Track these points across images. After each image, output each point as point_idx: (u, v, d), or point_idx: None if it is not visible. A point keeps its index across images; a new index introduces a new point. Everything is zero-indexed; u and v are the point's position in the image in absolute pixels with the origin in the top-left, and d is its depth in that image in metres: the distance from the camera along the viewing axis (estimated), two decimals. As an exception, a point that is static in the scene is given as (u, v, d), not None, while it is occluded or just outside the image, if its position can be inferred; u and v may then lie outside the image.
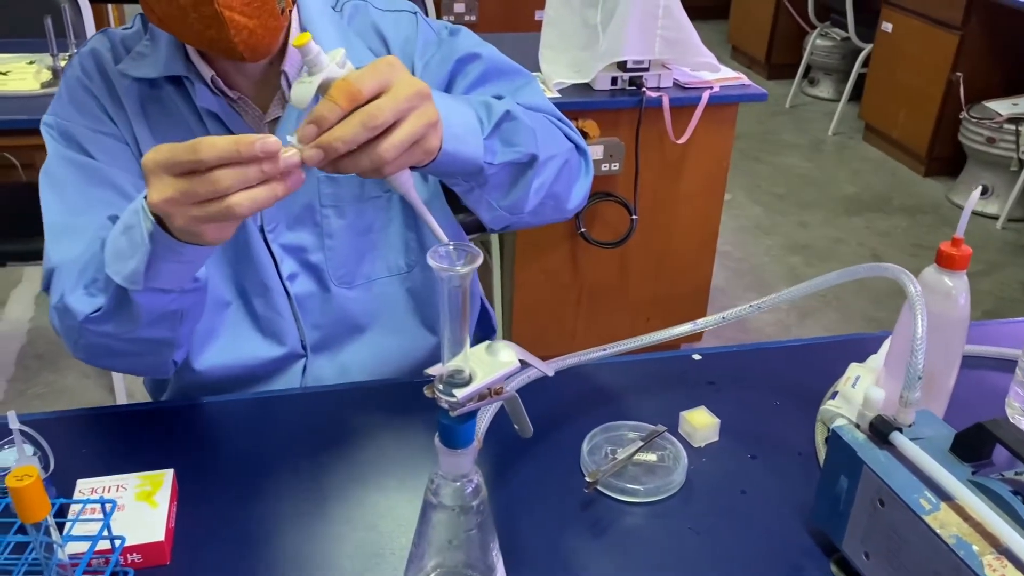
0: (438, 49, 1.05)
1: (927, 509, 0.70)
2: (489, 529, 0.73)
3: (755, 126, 4.46)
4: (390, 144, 0.72)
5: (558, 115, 1.07)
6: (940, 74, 3.72)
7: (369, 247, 1.09)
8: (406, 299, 1.14)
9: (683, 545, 0.84)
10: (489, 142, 0.89)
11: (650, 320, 2.49)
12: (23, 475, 0.62)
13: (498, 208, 0.97)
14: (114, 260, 0.82)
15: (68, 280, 0.90)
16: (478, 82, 1.04)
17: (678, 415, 0.99)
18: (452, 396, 0.66)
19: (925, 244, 3.40)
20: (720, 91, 2.17)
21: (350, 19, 1.05)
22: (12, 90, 2.02)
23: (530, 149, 0.93)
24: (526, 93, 1.05)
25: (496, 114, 0.90)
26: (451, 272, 0.63)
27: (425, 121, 0.74)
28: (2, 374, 2.53)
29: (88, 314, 0.87)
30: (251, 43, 0.89)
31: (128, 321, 0.87)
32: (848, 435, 0.78)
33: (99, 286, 0.87)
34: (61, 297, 0.90)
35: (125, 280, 0.81)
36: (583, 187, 1.07)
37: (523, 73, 1.08)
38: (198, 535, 0.84)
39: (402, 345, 1.16)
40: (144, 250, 0.78)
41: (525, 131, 0.92)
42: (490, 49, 1.07)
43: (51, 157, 1.00)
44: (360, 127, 0.70)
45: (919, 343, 0.77)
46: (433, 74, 1.04)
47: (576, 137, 1.06)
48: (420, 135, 0.74)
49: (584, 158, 1.08)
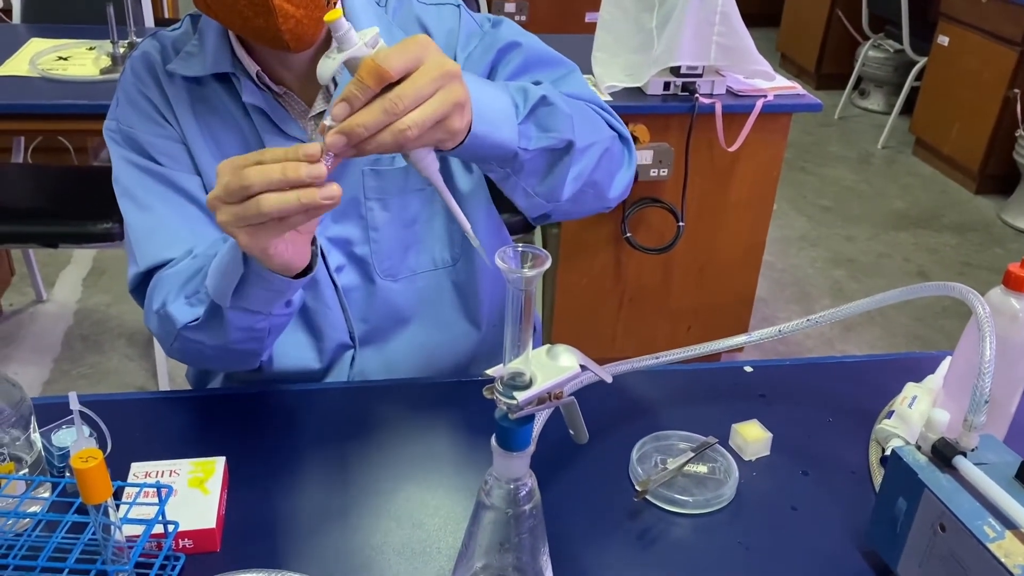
0: (480, 40, 1.05)
1: (991, 537, 0.68)
2: (540, 534, 0.72)
3: (802, 136, 4.41)
4: (411, 120, 0.71)
5: (600, 103, 1.05)
6: (997, 90, 3.65)
7: (414, 240, 1.10)
8: (451, 292, 1.15)
9: (732, 560, 0.83)
10: (524, 127, 0.87)
11: (691, 329, 2.47)
12: (87, 457, 0.63)
13: (534, 195, 0.95)
14: (214, 273, 0.89)
15: (171, 290, 0.95)
16: (519, 70, 1.04)
17: (729, 427, 0.97)
18: (512, 399, 0.65)
19: (975, 263, 3.33)
20: (774, 100, 2.15)
21: (394, 13, 1.05)
22: (72, 75, 2.06)
23: (566, 135, 0.91)
24: (569, 82, 1.04)
25: (532, 99, 0.88)
26: (518, 274, 0.62)
27: (452, 100, 0.73)
28: (48, 354, 2.58)
29: (186, 323, 0.93)
30: (297, 32, 0.89)
31: (219, 332, 0.92)
32: (909, 457, 0.77)
33: (200, 297, 0.92)
34: (163, 304, 0.95)
35: (215, 294, 0.88)
36: (625, 177, 1.05)
37: (565, 62, 1.07)
38: (247, 524, 0.85)
39: (446, 339, 1.16)
40: (238, 271, 0.84)
41: (562, 117, 0.90)
42: (532, 38, 1.07)
43: (118, 164, 1.04)
44: (382, 113, 0.70)
45: (987, 366, 0.75)
46: (475, 64, 1.04)
47: (619, 126, 1.04)
48: (444, 114, 0.73)
49: (627, 147, 1.06)
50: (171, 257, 1.00)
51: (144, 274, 1.02)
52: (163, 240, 1.01)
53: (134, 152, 1.02)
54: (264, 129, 1.01)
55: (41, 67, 2.07)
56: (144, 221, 1.02)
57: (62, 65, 2.12)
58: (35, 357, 2.56)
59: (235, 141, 1.03)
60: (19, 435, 0.82)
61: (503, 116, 0.84)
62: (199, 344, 0.95)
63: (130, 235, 1.03)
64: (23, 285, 2.86)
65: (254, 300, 0.88)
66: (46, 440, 0.87)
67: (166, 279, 0.98)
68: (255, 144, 1.02)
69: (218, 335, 0.93)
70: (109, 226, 2.14)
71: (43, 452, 0.86)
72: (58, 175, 2.49)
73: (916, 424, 0.95)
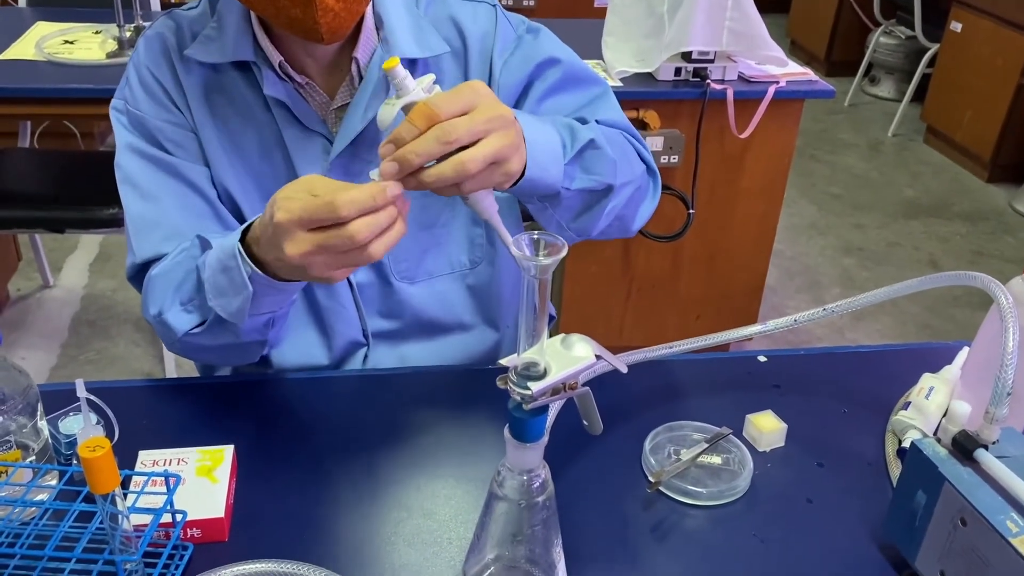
0: (517, 48, 1.04)
1: (1014, 532, 0.67)
2: (553, 526, 0.72)
3: (812, 124, 4.37)
4: (472, 156, 0.72)
5: (632, 132, 1.06)
6: (1010, 77, 3.61)
7: (432, 243, 1.08)
8: (469, 295, 1.13)
9: (747, 552, 0.82)
10: (569, 167, 0.89)
11: (700, 318, 2.45)
12: (95, 446, 0.62)
13: (567, 228, 0.97)
14: (217, 295, 0.87)
15: (164, 296, 0.94)
16: (556, 88, 1.04)
17: (743, 418, 0.96)
18: (527, 389, 0.64)
19: (986, 252, 3.30)
20: (786, 86, 2.12)
21: (426, 8, 1.03)
22: (78, 59, 2.04)
23: (608, 179, 0.93)
24: (602, 104, 1.06)
25: (580, 141, 0.90)
26: (534, 262, 0.61)
27: (508, 143, 0.75)
28: (56, 339, 2.58)
29: (187, 330, 0.93)
30: (333, 26, 0.88)
31: (226, 336, 0.92)
32: (929, 449, 0.75)
33: (196, 304, 0.92)
34: (160, 313, 0.94)
35: (231, 316, 0.87)
36: (649, 208, 1.07)
37: (600, 82, 1.08)
38: (256, 513, 0.84)
39: (463, 339, 1.15)
40: (247, 292, 0.83)
41: (606, 161, 0.92)
42: (569, 54, 1.07)
43: (122, 147, 1.01)
44: (434, 141, 0.71)
45: (1010, 357, 0.73)
46: (513, 74, 1.03)
47: (647, 156, 1.05)
48: (503, 156, 0.75)
49: (653, 179, 1.08)
50: (167, 251, 0.99)
51: (142, 265, 1.00)
52: (165, 234, 0.98)
53: (142, 138, 1.00)
54: (284, 123, 0.99)
55: (47, 51, 2.06)
56: (147, 212, 1.00)
57: (68, 49, 2.10)
58: (42, 342, 2.56)
59: (251, 133, 1.00)
60: (26, 422, 0.81)
61: (552, 158, 0.86)
62: (203, 346, 0.95)
63: (130, 224, 1.00)
64: (30, 270, 2.86)
65: (266, 306, 0.88)
66: (53, 428, 0.86)
67: (156, 283, 0.96)
68: (272, 137, 1.00)
69: (224, 337, 0.92)
70: (115, 211, 2.13)
71: (50, 440, 0.85)
72: (65, 160, 2.48)
73: (933, 415, 0.93)
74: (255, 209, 1.03)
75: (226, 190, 1.02)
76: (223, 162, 1.01)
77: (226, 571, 0.70)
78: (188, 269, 0.93)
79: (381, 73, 0.97)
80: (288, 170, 1.01)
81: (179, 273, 0.94)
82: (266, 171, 1.02)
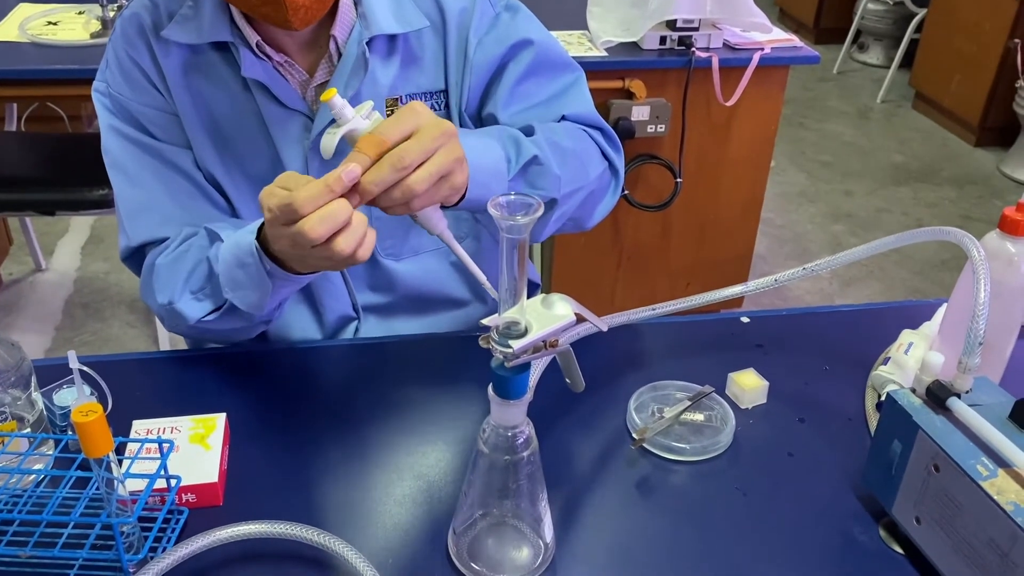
0: (493, 27, 1.04)
1: (984, 475, 0.69)
2: (539, 480, 0.73)
3: (801, 92, 4.37)
4: (418, 177, 0.73)
5: (601, 125, 1.07)
6: (997, 41, 3.61)
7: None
8: (454, 271, 1.14)
9: (729, 505, 0.84)
10: (513, 183, 0.91)
11: (690, 285, 2.47)
12: (88, 411, 0.64)
13: None
14: (234, 288, 0.90)
15: (173, 287, 0.97)
16: (529, 72, 1.04)
17: (726, 377, 0.98)
18: (508, 347, 0.66)
19: (974, 216, 3.32)
20: (771, 53, 2.13)
21: None
22: (62, 40, 2.04)
23: (552, 194, 0.94)
24: (574, 95, 1.06)
25: (525, 156, 0.92)
26: (511, 222, 0.62)
27: (452, 157, 0.76)
28: (49, 322, 2.58)
29: (201, 317, 0.95)
30: (304, 17, 0.90)
31: (238, 321, 0.94)
32: (904, 400, 0.77)
33: (207, 292, 0.94)
34: (170, 302, 0.97)
35: (249, 308, 0.90)
36: (607, 206, 1.08)
37: (573, 67, 1.08)
38: (249, 478, 0.86)
39: (453, 315, 1.17)
40: (266, 287, 0.86)
41: (550, 176, 0.94)
42: (545, 35, 1.07)
43: (106, 130, 1.02)
44: (389, 169, 0.73)
45: (982, 308, 0.75)
46: (486, 54, 1.03)
47: (612, 154, 1.06)
48: (448, 170, 0.76)
49: (615, 177, 1.08)
50: (164, 236, 1.00)
51: (136, 248, 1.02)
52: (156, 218, 1.01)
53: (125, 122, 1.01)
54: (264, 103, 0.99)
55: (31, 32, 2.05)
56: (136, 196, 1.01)
57: (52, 30, 2.10)
58: (36, 325, 2.57)
59: (231, 114, 1.01)
60: (20, 395, 0.83)
61: (495, 177, 0.88)
62: (214, 330, 0.97)
63: (121, 207, 1.02)
64: (22, 254, 2.86)
65: (283, 295, 0.91)
66: (47, 400, 0.88)
67: (165, 272, 0.98)
68: (253, 117, 1.00)
69: (237, 322, 0.95)
70: (105, 192, 2.13)
71: (45, 412, 0.87)
72: (53, 142, 2.47)
73: (912, 370, 0.95)
74: (239, 190, 1.04)
75: (209, 172, 1.03)
76: (205, 144, 1.01)
77: (221, 532, 0.72)
78: (197, 260, 0.95)
79: (360, 50, 0.98)
80: (270, 149, 1.02)
81: (187, 264, 0.96)
82: (248, 151, 1.02)
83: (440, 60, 1.03)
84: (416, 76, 1.03)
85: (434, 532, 0.80)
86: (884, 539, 0.80)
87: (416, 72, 1.03)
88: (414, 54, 1.02)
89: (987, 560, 0.68)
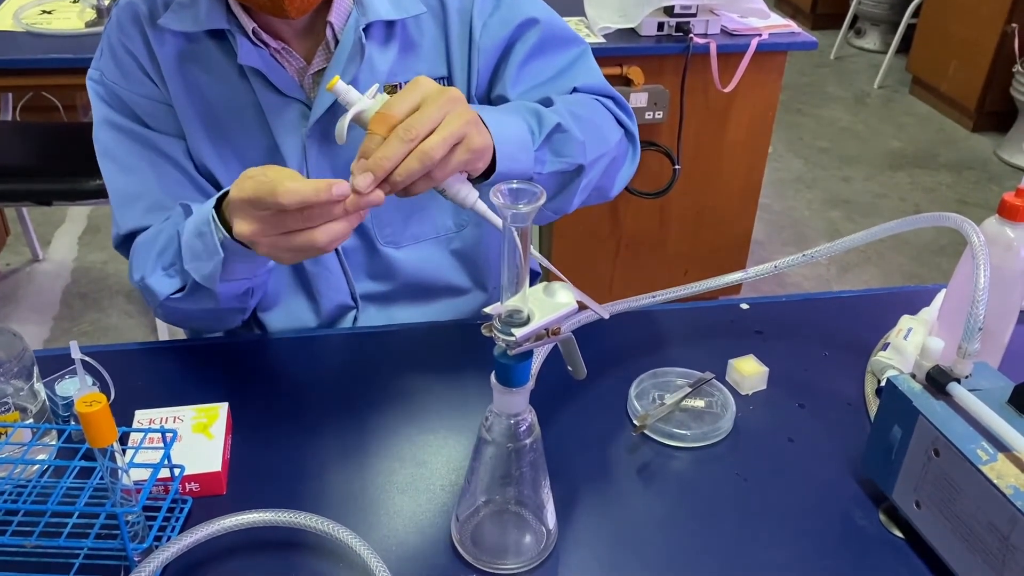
0: (497, 8, 1.04)
1: (984, 459, 0.69)
2: (541, 467, 0.74)
3: (798, 78, 4.36)
4: (431, 143, 0.73)
5: (613, 94, 1.07)
6: (994, 25, 3.60)
7: (417, 207, 1.09)
8: (456, 257, 1.14)
9: (730, 490, 0.84)
10: (539, 153, 0.90)
11: (688, 273, 2.47)
12: (92, 401, 0.64)
13: (544, 209, 0.98)
14: (192, 259, 0.89)
15: (146, 261, 0.97)
16: (536, 50, 1.04)
17: (726, 363, 0.98)
18: (510, 335, 0.66)
19: (971, 201, 3.32)
20: (769, 39, 2.12)
21: None
22: (57, 29, 2.03)
23: (578, 160, 0.94)
24: (582, 67, 1.06)
25: (547, 125, 0.91)
26: (514, 210, 0.62)
27: (463, 120, 0.76)
28: (48, 312, 2.58)
29: (169, 294, 0.95)
30: (301, 6, 0.90)
31: (204, 301, 0.94)
32: (904, 385, 0.77)
33: (177, 268, 0.94)
34: (143, 278, 0.97)
35: (203, 279, 0.89)
36: (628, 173, 1.08)
37: (579, 41, 1.08)
38: (252, 467, 0.86)
39: (453, 304, 1.17)
40: (218, 257, 0.85)
41: (575, 143, 0.93)
42: (548, 12, 1.07)
43: (100, 123, 1.02)
44: (399, 141, 0.73)
45: (981, 293, 0.75)
46: (492, 36, 1.03)
47: (627, 120, 1.06)
48: (461, 133, 0.76)
49: (633, 143, 1.08)
50: (151, 224, 1.01)
51: (126, 236, 1.02)
52: (146, 206, 1.01)
53: (118, 112, 1.01)
54: (261, 90, 0.99)
55: (25, 21, 2.04)
56: (127, 185, 1.01)
57: (46, 19, 2.09)
58: (34, 316, 2.56)
59: (228, 102, 1.00)
60: (22, 385, 0.83)
61: (521, 147, 0.87)
62: (184, 310, 0.97)
63: (112, 197, 1.03)
64: (19, 245, 2.86)
65: (238, 272, 0.90)
66: (50, 390, 0.88)
67: (141, 249, 0.98)
68: (250, 106, 1.00)
69: (203, 303, 0.94)
70: (101, 182, 2.09)
71: (47, 402, 0.87)
72: (48, 132, 2.47)
73: (911, 355, 0.96)
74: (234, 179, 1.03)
75: (203, 162, 1.03)
76: (200, 133, 1.01)
77: (225, 521, 0.73)
78: (170, 235, 0.94)
79: (356, 36, 0.97)
80: (267, 138, 1.01)
81: (162, 239, 0.96)
82: (244, 140, 1.02)
83: (441, 46, 1.03)
84: (415, 63, 1.02)
85: (437, 519, 0.80)
86: (884, 523, 0.81)
87: (414, 58, 1.02)
88: (412, 40, 1.02)
89: (987, 543, 0.68)
